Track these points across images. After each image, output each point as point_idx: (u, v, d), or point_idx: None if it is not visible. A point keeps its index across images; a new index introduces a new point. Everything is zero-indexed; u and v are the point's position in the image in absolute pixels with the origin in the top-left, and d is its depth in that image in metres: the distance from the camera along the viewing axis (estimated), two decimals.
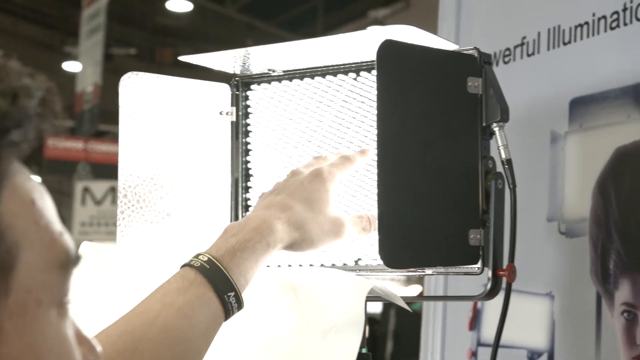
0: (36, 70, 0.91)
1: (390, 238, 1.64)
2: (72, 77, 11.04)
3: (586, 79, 2.22)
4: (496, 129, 1.71)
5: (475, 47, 1.76)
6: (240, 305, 1.50)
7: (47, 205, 0.87)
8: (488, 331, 2.47)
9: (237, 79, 1.95)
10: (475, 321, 2.48)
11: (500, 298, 1.77)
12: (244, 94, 1.95)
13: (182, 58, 1.93)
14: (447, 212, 1.72)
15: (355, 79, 1.83)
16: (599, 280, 2.16)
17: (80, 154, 6.97)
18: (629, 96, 2.13)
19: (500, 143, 1.73)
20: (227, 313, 1.49)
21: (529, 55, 2.38)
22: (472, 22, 2.64)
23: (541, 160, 2.16)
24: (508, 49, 2.41)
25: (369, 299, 1.71)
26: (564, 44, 2.28)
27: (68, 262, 0.86)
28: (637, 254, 2.09)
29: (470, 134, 1.73)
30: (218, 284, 1.46)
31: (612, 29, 2.17)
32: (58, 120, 0.90)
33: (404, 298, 1.79)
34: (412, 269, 1.81)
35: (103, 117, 8.73)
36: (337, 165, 1.69)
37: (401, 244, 1.66)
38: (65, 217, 5.84)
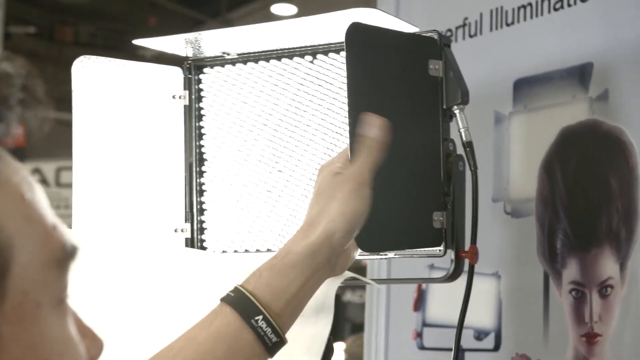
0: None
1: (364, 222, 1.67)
2: None
3: (530, 60, 2.27)
4: (457, 112, 1.74)
5: (435, 30, 1.78)
6: (274, 330, 1.38)
7: (37, 197, 0.84)
8: (433, 312, 2.52)
9: (189, 62, 1.95)
10: (419, 302, 2.52)
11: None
12: (196, 77, 1.94)
13: (136, 42, 1.91)
14: (413, 195, 1.73)
15: (311, 62, 1.83)
16: (546, 259, 2.22)
17: None
18: (574, 77, 2.19)
19: (461, 125, 1.75)
20: (263, 341, 1.38)
21: (471, 37, 2.41)
22: (412, 3, 2.66)
23: (485, 141, 2.19)
24: (450, 30, 2.44)
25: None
26: (507, 25, 2.32)
27: (64, 257, 0.83)
28: (584, 233, 2.16)
29: (431, 116, 1.74)
30: (243, 309, 1.37)
31: (555, 10, 2.22)
32: (42, 106, 0.86)
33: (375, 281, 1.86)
34: (376, 253, 1.82)
35: None
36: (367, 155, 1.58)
37: (374, 228, 1.65)
38: None
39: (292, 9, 11.14)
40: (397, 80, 1.75)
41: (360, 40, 1.67)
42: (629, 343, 2.11)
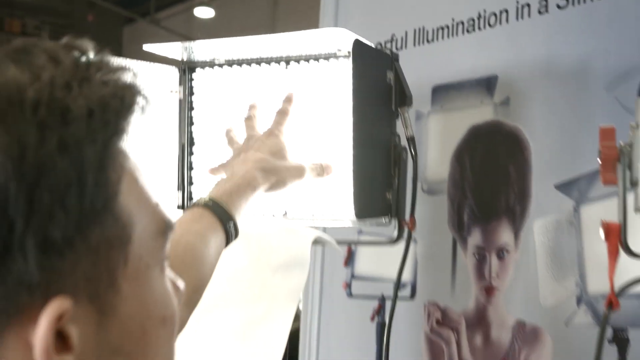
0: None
1: (360, 196, 1.74)
2: None
3: (446, 70, 2.36)
4: (403, 111, 1.83)
5: (388, 48, 1.89)
6: (237, 233, 1.58)
7: (145, 180, 0.89)
8: (359, 267, 2.62)
9: (184, 64, 1.99)
10: (349, 260, 2.61)
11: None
12: (189, 76, 1.99)
13: (145, 47, 1.92)
14: (378, 177, 1.82)
15: (285, 68, 1.88)
16: (455, 228, 2.34)
17: None
18: (482, 85, 2.30)
19: (405, 123, 1.84)
20: (229, 239, 1.56)
21: (397, 49, 2.46)
22: (349, 20, 2.69)
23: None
24: (380, 43, 2.50)
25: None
26: (427, 42, 2.41)
27: (166, 229, 0.89)
28: (486, 208, 2.26)
29: (387, 116, 1.84)
30: (221, 215, 1.53)
31: (468, 32, 2.32)
32: (150, 107, 0.89)
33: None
34: (336, 221, 1.86)
35: None
36: (279, 121, 1.77)
37: (364, 200, 1.76)
38: None
39: (211, 12, 11.04)
40: (373, 85, 1.83)
41: (359, 54, 1.75)
42: (519, 295, 2.21)
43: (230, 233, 1.56)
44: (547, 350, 2.14)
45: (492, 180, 2.33)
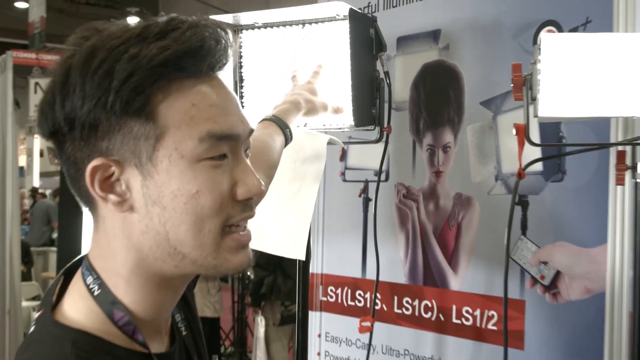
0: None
1: (357, 112, 1.99)
2: (24, 11, 10.86)
3: (406, 27, 2.57)
4: (380, 55, 2.09)
5: (368, 12, 2.21)
6: (291, 137, 1.74)
7: (204, 109, 0.93)
8: (350, 161, 2.81)
9: (235, 27, 2.15)
10: (343, 156, 2.80)
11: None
12: (239, 35, 2.12)
13: (213, 17, 2.09)
14: (367, 98, 2.05)
15: (302, 28, 2.08)
16: (414, 133, 2.59)
17: (34, 61, 6.89)
18: (430, 36, 2.53)
19: (382, 63, 2.10)
20: (287, 140, 1.71)
21: (372, 13, 2.64)
22: None
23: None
24: (360, 9, 2.61)
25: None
26: (392, 7, 2.63)
27: (206, 138, 0.92)
28: (434, 119, 2.51)
29: (371, 59, 2.07)
30: (281, 125, 1.69)
31: (420, 0, 2.54)
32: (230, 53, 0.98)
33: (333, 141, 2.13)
34: (341, 129, 2.10)
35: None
36: (314, 76, 1.96)
37: (359, 114, 2.00)
38: (22, 101, 5.89)
39: None
40: (361, 38, 2.02)
41: (353, 17, 1.97)
42: (458, 176, 2.47)
43: (287, 136, 1.73)
44: (476, 211, 2.41)
45: (438, 100, 2.51)
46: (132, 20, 0.97)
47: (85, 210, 1.00)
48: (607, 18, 2.10)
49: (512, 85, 1.80)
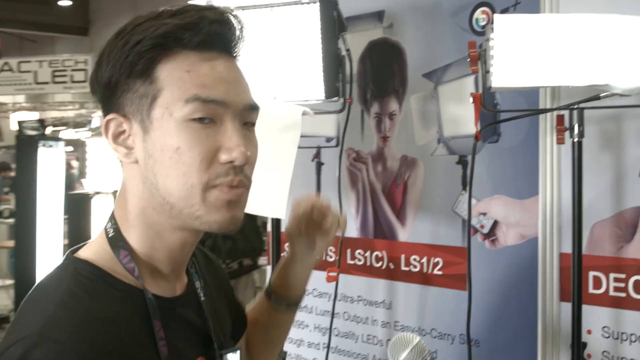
0: None
1: (326, 84, 2.10)
2: None
3: (353, 8, 2.64)
4: (342, 35, 2.17)
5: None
6: (286, 306, 1.40)
7: (197, 76, 0.97)
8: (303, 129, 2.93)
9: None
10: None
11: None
12: None
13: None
14: (333, 72, 2.15)
15: (271, 10, 2.16)
16: (362, 103, 2.72)
17: None
18: (375, 16, 2.66)
19: (344, 42, 2.19)
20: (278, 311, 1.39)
21: None
22: None
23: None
24: None
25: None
26: None
27: (191, 99, 0.96)
28: (380, 90, 2.64)
29: (335, 37, 2.16)
30: (276, 301, 1.39)
31: None
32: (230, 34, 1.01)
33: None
34: (309, 100, 2.20)
35: None
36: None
37: (328, 87, 2.12)
38: None
39: None
40: (326, 19, 2.12)
41: (323, 1, 2.09)
42: (403, 140, 2.62)
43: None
44: (421, 170, 2.57)
45: (383, 73, 2.66)
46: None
47: None
48: (535, 0, 2.27)
49: (468, 59, 1.95)
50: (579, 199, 2.00)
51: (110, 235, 1.02)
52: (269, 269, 2.64)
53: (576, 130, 1.99)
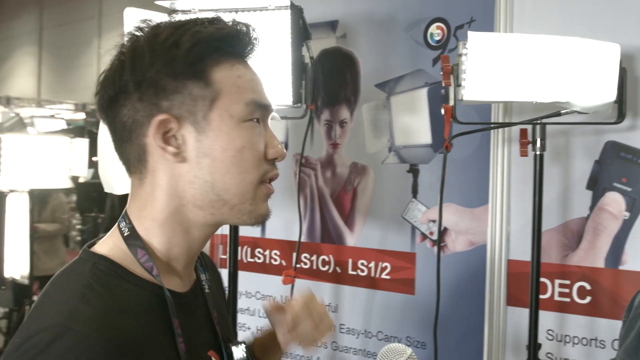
0: None
1: (293, 91, 2.06)
2: None
3: (311, 17, 2.28)
4: (307, 42, 2.18)
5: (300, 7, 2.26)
6: None
7: (247, 81, 1.01)
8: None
9: (171, 10, 2.16)
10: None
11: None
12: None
13: (160, 3, 2.13)
14: (298, 79, 2.12)
15: (235, 13, 2.12)
16: (314, 110, 2.45)
17: None
18: (329, 26, 2.65)
19: (308, 49, 2.18)
20: None
21: None
22: None
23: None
24: None
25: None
26: None
27: (250, 103, 1.00)
28: (332, 97, 2.62)
29: (299, 45, 2.15)
30: None
31: None
32: (254, 44, 1.04)
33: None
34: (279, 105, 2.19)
35: None
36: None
37: (294, 93, 2.08)
38: None
39: None
40: (294, 27, 2.09)
41: (292, 9, 2.07)
42: (354, 147, 2.60)
43: None
44: (371, 178, 2.56)
45: (335, 81, 2.63)
46: None
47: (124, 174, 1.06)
48: (489, 18, 2.32)
49: (441, 72, 1.96)
50: (539, 208, 2.04)
51: (125, 234, 1.01)
52: (224, 272, 2.54)
53: (538, 144, 2.02)
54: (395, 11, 2.52)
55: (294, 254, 2.58)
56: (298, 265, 2.72)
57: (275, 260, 2.77)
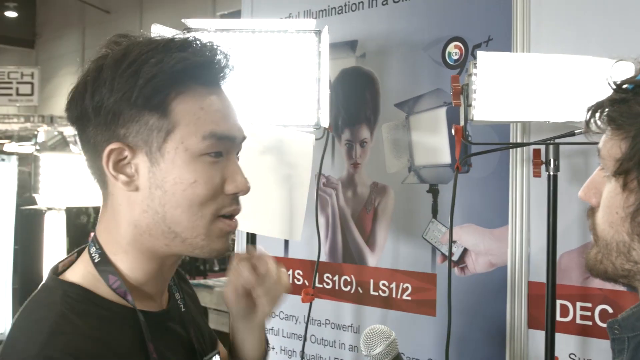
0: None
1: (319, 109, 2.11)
2: None
3: (331, 37, 2.43)
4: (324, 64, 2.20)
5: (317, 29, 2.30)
6: None
7: (211, 112, 0.99)
8: None
9: (186, 29, 2.19)
10: None
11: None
12: None
13: (184, 20, 2.16)
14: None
15: (252, 34, 2.17)
16: (334, 129, 2.68)
17: None
18: (348, 45, 2.63)
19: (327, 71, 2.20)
20: None
21: None
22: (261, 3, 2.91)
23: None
24: (290, 15, 2.79)
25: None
26: (313, 18, 2.73)
27: (208, 136, 0.98)
28: (353, 116, 2.63)
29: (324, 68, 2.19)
30: None
31: (339, 14, 2.64)
32: (225, 72, 1.02)
33: None
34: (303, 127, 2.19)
35: None
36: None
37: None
38: None
39: None
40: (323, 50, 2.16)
41: (320, 33, 2.11)
42: (374, 167, 2.60)
43: None
44: (391, 198, 2.56)
45: (355, 101, 2.64)
46: None
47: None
48: (507, 37, 2.31)
49: (451, 92, 1.96)
50: (553, 230, 2.03)
51: (96, 260, 1.02)
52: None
53: (552, 164, 2.02)
54: (413, 31, 2.52)
55: (315, 273, 2.60)
56: (320, 286, 2.74)
57: (299, 280, 2.80)
